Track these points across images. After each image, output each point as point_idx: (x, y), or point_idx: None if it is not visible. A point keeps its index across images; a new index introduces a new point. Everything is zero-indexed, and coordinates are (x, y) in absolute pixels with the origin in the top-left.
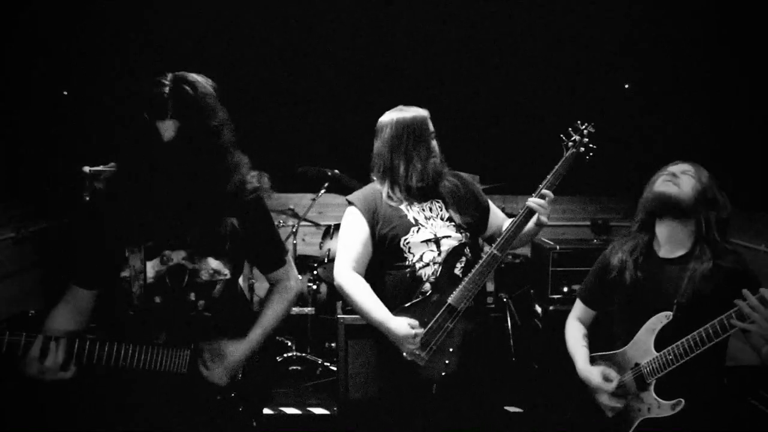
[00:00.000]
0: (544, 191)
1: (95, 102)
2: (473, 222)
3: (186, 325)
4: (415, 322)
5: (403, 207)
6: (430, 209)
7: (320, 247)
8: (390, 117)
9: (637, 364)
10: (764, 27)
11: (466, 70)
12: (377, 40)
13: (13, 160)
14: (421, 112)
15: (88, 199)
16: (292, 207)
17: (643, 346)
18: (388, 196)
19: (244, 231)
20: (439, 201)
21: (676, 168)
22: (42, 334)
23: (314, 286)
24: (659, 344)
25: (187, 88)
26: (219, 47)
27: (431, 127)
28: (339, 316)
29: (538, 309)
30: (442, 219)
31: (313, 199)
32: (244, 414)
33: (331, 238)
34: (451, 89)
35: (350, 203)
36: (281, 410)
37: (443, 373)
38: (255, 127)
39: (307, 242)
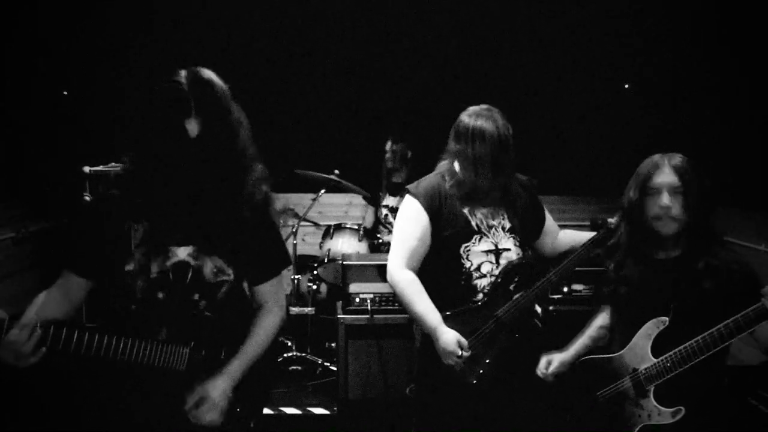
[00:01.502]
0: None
1: (95, 102)
2: (531, 233)
3: (187, 322)
4: (465, 342)
5: (466, 211)
6: (493, 216)
7: (320, 247)
8: (475, 116)
9: (635, 370)
10: (764, 27)
11: (465, 71)
12: (377, 41)
13: (13, 160)
14: (503, 119)
15: (88, 198)
16: (292, 207)
17: (640, 352)
18: (455, 195)
19: (248, 233)
20: (503, 209)
21: (666, 193)
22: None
23: (314, 286)
24: (656, 349)
25: (206, 86)
26: (219, 48)
27: (511, 131)
28: (339, 316)
29: (538, 309)
30: (503, 229)
31: (313, 199)
32: (241, 415)
33: (331, 238)
34: (450, 90)
35: (412, 194)
36: (281, 410)
37: (474, 382)
38: (254, 127)
39: (307, 242)
